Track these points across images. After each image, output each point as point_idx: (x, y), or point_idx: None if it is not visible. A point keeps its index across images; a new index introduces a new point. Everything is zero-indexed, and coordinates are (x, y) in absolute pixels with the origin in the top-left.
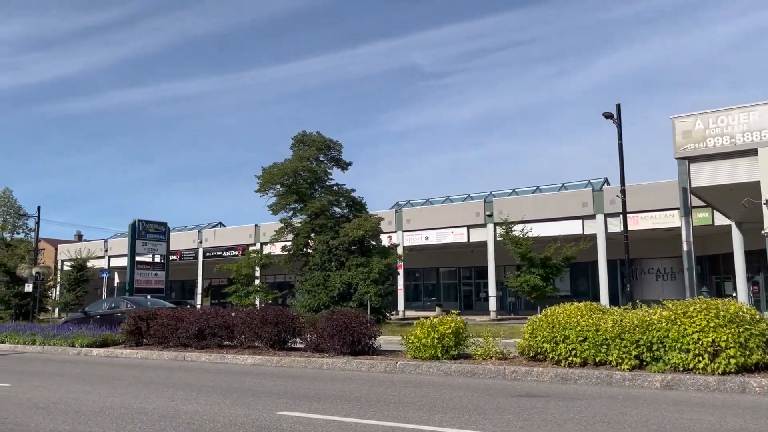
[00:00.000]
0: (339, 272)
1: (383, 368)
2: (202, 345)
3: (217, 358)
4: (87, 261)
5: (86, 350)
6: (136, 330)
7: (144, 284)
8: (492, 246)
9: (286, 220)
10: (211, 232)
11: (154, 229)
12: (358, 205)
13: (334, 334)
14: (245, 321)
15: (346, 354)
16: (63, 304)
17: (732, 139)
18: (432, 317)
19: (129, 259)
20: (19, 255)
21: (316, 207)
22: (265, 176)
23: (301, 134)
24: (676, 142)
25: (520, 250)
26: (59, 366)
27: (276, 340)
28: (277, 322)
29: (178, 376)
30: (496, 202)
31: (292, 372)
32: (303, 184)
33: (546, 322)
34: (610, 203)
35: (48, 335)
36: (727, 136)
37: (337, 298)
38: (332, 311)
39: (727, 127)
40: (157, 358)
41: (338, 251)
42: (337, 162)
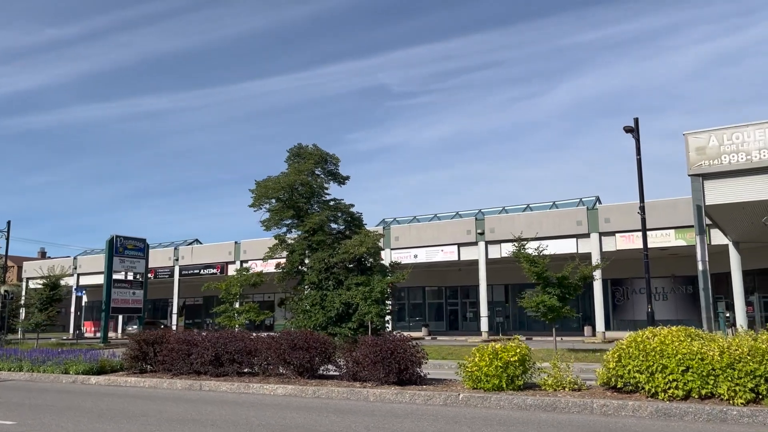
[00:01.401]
0: (337, 291)
1: (443, 401)
2: (219, 372)
3: (240, 387)
4: (60, 279)
5: (82, 378)
6: (141, 355)
7: (121, 303)
8: (483, 264)
9: (281, 236)
10: (188, 249)
11: (132, 246)
12: (356, 221)
13: (378, 360)
14: (271, 346)
15: (392, 384)
16: (34, 325)
17: (748, 156)
18: (476, 342)
19: (106, 277)
20: None
21: (314, 222)
22: (259, 190)
23: (297, 147)
24: (690, 159)
25: (536, 269)
26: (61, 397)
27: (307, 367)
28: (309, 347)
29: (211, 411)
30: (488, 219)
31: (336, 405)
32: (300, 198)
33: (637, 349)
34: (604, 222)
35: (36, 361)
36: (743, 153)
37: (335, 318)
38: (376, 336)
39: (743, 143)
40: (168, 387)
41: (336, 269)
42: (334, 176)
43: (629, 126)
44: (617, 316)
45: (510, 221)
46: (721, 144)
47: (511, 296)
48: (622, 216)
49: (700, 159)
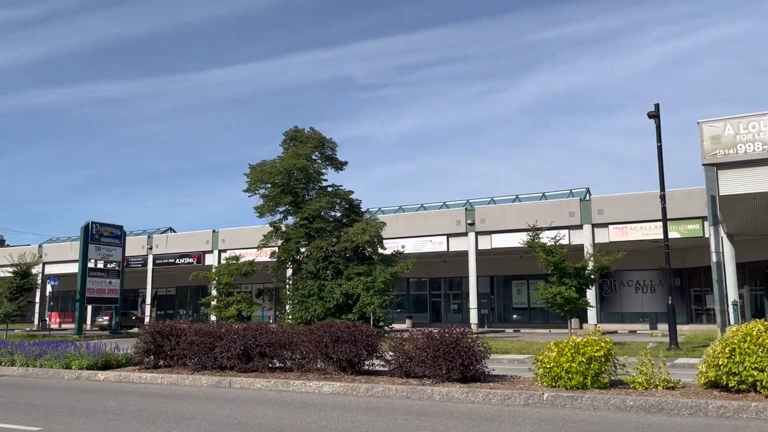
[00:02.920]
0: (336, 281)
1: (524, 401)
2: (248, 368)
3: (277, 384)
4: (32, 267)
5: (88, 373)
6: (155, 349)
7: (97, 293)
8: (473, 255)
9: (276, 224)
10: (163, 238)
11: (108, 233)
12: (356, 208)
13: (439, 355)
14: (310, 339)
15: (455, 381)
16: (3, 315)
17: (765, 146)
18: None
19: (81, 266)
20: None
21: (313, 209)
22: (255, 174)
23: (293, 130)
24: (704, 148)
25: (553, 259)
26: (76, 397)
27: (352, 362)
28: (354, 339)
29: (265, 414)
30: (478, 210)
31: (401, 405)
32: (297, 184)
33: (754, 344)
34: (597, 213)
35: (31, 354)
36: (759, 142)
37: (334, 309)
38: (430, 329)
39: (759, 132)
40: (191, 384)
41: (334, 258)
42: (332, 161)
43: (652, 111)
44: (605, 309)
45: (501, 212)
46: (737, 133)
47: (497, 288)
48: (615, 207)
49: (715, 148)
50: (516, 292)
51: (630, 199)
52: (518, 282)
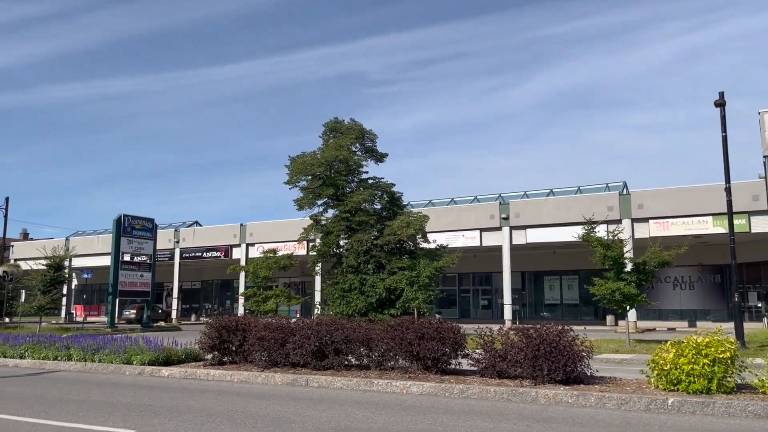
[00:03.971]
0: (378, 275)
1: (645, 406)
2: (323, 365)
3: (360, 383)
4: (64, 260)
5: (151, 369)
6: (221, 345)
7: (129, 286)
8: (507, 251)
9: (315, 216)
10: (190, 231)
11: (140, 226)
12: (397, 201)
13: (540, 355)
14: (392, 335)
15: (556, 383)
16: (36, 308)
17: None
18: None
19: (113, 259)
20: None
21: (355, 202)
22: (295, 166)
23: (333, 121)
24: (765, 139)
25: (612, 254)
26: (152, 395)
27: (439, 360)
28: (441, 337)
29: (365, 416)
30: (513, 204)
31: (505, 408)
32: (338, 176)
33: None
34: (637, 207)
35: (87, 348)
36: None
37: (376, 304)
38: (526, 327)
39: None
40: (264, 382)
41: (376, 252)
42: (372, 153)
43: (719, 100)
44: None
45: (536, 206)
46: None
47: (528, 284)
48: (655, 202)
49: None
50: (548, 287)
51: (671, 193)
52: (550, 278)
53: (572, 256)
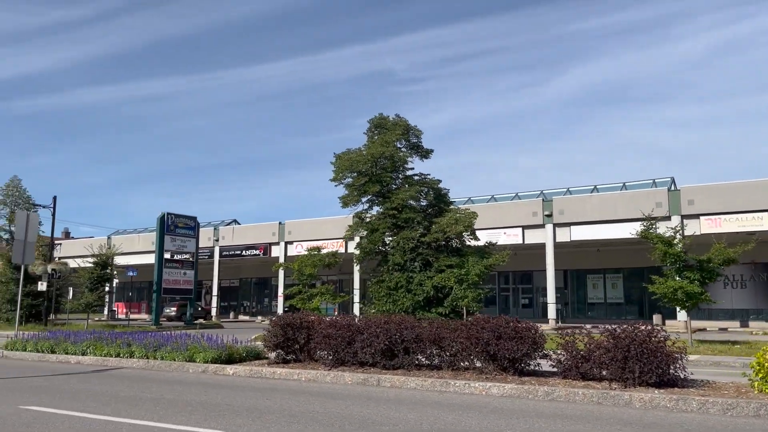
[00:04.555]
0: (425, 273)
1: (753, 412)
2: (392, 365)
3: (435, 384)
4: (111, 257)
5: (214, 367)
6: (285, 343)
7: (172, 284)
8: (551, 248)
9: (361, 214)
10: (229, 229)
11: (183, 224)
12: (443, 197)
13: (630, 356)
14: (467, 334)
15: (648, 385)
16: (84, 305)
17: None
18: None
19: (157, 256)
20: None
21: (401, 198)
22: (341, 163)
23: (379, 117)
24: None
25: (674, 251)
26: (225, 394)
27: (515, 360)
28: (520, 336)
29: (457, 420)
30: (556, 201)
31: (599, 412)
32: (384, 173)
33: None
34: (687, 204)
35: (149, 346)
36: None
37: (423, 302)
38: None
39: None
40: (333, 381)
41: (423, 249)
42: (417, 149)
43: None
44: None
45: (580, 203)
46: None
47: (570, 282)
48: (706, 198)
49: None
50: (591, 286)
51: (723, 188)
52: (594, 276)
53: (616, 253)
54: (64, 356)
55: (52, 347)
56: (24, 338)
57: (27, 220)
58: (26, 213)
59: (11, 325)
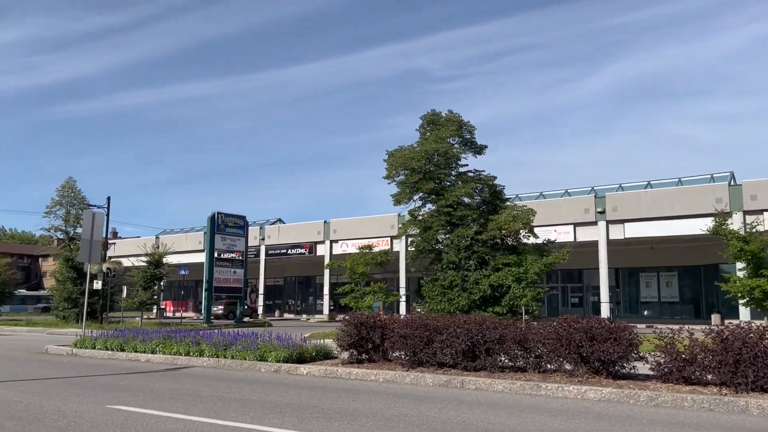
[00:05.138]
0: (481, 272)
1: None
2: (474, 366)
3: (524, 387)
4: (163, 256)
5: (287, 367)
6: (359, 342)
7: (223, 282)
8: (604, 246)
9: (414, 212)
10: (275, 228)
11: (233, 223)
12: (499, 194)
13: (741, 359)
14: (557, 335)
15: (762, 390)
16: (138, 303)
17: None
18: None
19: (208, 255)
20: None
21: (456, 196)
22: (395, 160)
23: (431, 114)
24: None
25: (750, 248)
26: (300, 394)
27: (609, 363)
28: (616, 337)
29: (566, 426)
30: (609, 197)
31: (715, 419)
32: (438, 170)
33: None
34: (750, 199)
35: (219, 344)
36: None
37: (480, 301)
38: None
39: None
40: (413, 383)
41: (478, 247)
42: (470, 145)
43: None
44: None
45: (634, 199)
46: None
47: (622, 281)
48: None
49: None
50: (644, 284)
51: None
52: (647, 274)
53: (671, 251)
54: (133, 354)
55: (122, 345)
56: (93, 336)
57: (93, 220)
58: (92, 212)
59: (68, 322)
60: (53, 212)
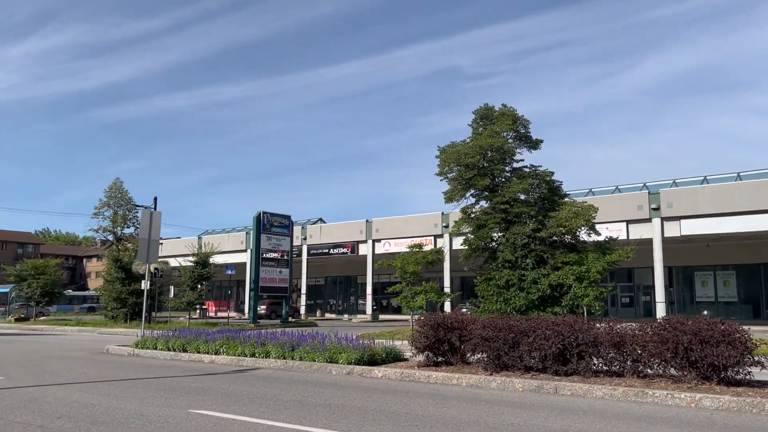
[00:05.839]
0: (539, 270)
1: None
2: (565, 370)
3: (628, 394)
4: (210, 256)
5: (361, 369)
6: (437, 344)
7: (268, 282)
8: (659, 244)
9: (467, 209)
10: (316, 228)
11: (278, 223)
12: (556, 190)
13: None
14: (660, 338)
15: None
16: (185, 303)
17: None
18: None
19: (254, 255)
20: (133, 250)
21: (513, 192)
22: (447, 156)
23: (484, 108)
24: None
25: None
26: (384, 399)
27: (720, 367)
28: (731, 340)
29: None
30: (664, 193)
31: None
32: (494, 165)
33: None
34: None
35: (284, 345)
36: None
37: (537, 301)
38: None
39: None
40: (500, 388)
41: (536, 246)
42: (525, 140)
43: None
44: None
45: (691, 195)
46: None
47: (675, 280)
48: None
49: None
50: (700, 284)
51: None
52: (702, 273)
53: (728, 248)
54: (196, 355)
55: (184, 346)
56: (154, 337)
57: (150, 219)
58: (149, 211)
59: (117, 322)
60: (101, 213)
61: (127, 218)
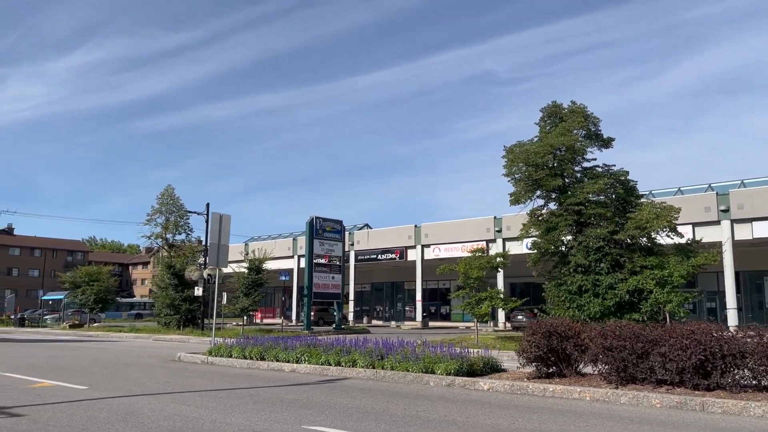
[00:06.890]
0: (615, 275)
1: None
2: (707, 385)
3: None
4: (263, 263)
5: (463, 381)
6: (549, 353)
7: (321, 288)
8: (729, 247)
9: (535, 211)
10: (364, 234)
11: (330, 228)
12: (632, 190)
13: None
14: None
15: None
16: (239, 310)
17: None
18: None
19: (307, 261)
20: (185, 256)
21: (586, 193)
22: (514, 156)
23: (552, 106)
24: None
25: None
26: (504, 414)
27: None
28: None
29: None
30: (734, 194)
31: None
32: (565, 165)
33: None
34: None
35: (373, 353)
36: None
37: (614, 308)
38: None
39: None
40: (631, 403)
41: (612, 249)
42: (596, 138)
43: None
44: None
45: (763, 196)
46: None
47: (743, 285)
48: None
49: None
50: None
51: None
52: None
53: None
54: (276, 364)
55: (261, 354)
56: (228, 344)
57: (220, 223)
58: (219, 215)
59: (170, 329)
60: (153, 220)
61: (179, 224)
